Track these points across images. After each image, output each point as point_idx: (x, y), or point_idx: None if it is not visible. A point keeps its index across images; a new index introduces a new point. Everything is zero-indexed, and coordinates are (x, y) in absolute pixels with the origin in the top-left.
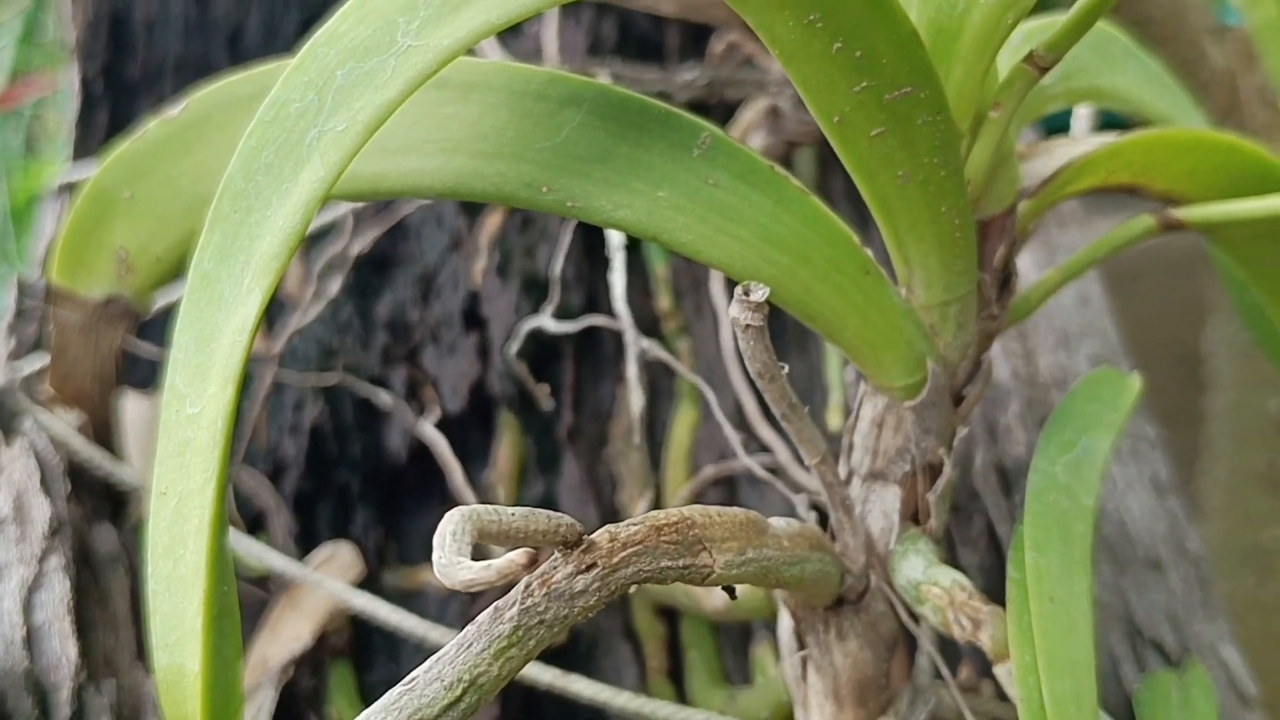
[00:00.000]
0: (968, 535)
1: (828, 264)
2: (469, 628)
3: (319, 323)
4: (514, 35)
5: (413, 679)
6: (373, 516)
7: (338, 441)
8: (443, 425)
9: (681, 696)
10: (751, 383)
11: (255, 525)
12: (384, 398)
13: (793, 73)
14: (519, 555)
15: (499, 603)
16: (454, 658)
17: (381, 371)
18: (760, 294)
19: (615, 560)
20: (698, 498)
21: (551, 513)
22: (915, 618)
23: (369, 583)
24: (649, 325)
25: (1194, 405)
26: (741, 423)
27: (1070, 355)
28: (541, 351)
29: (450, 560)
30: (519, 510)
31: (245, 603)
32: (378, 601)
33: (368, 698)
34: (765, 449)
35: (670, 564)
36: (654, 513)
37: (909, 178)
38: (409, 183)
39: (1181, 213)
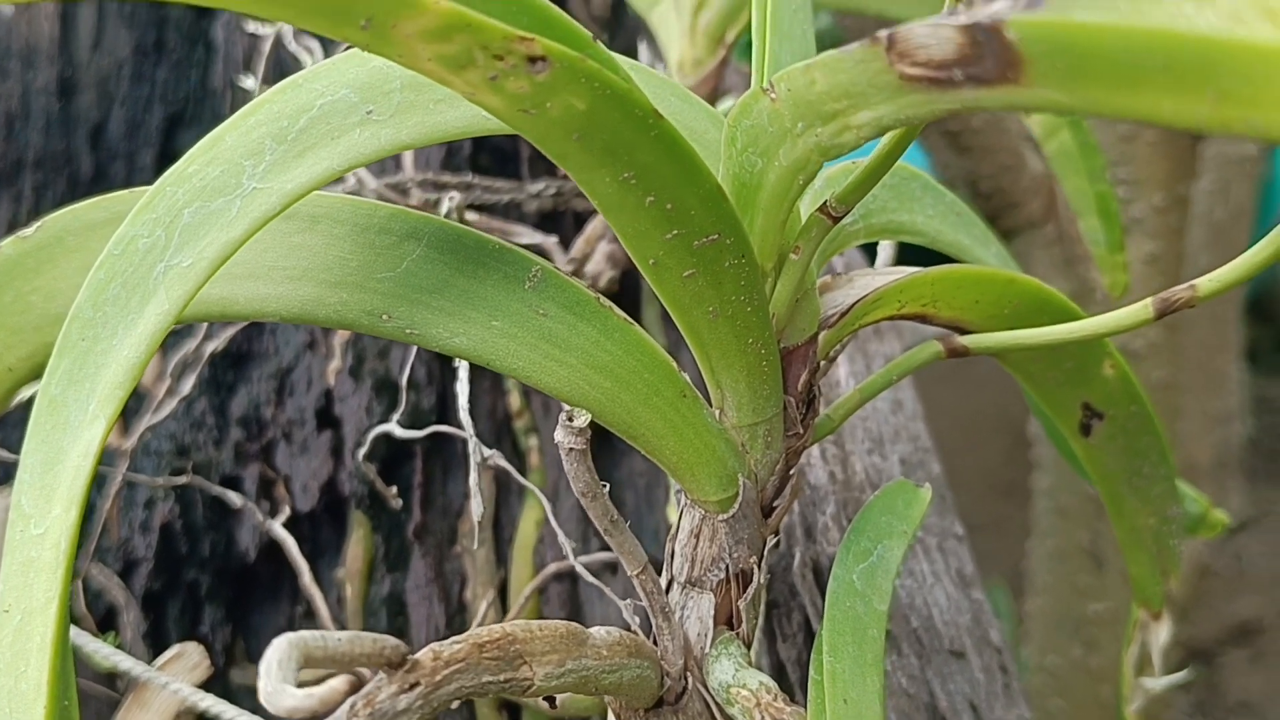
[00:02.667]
0: (787, 630)
1: (648, 388)
2: None
3: (173, 418)
4: None
5: None
6: (222, 615)
7: (188, 539)
8: (295, 522)
9: None
10: None
11: (106, 621)
12: (234, 498)
13: (611, 221)
14: (339, 682)
15: None
16: None
17: (234, 469)
18: (582, 420)
19: (438, 678)
20: (541, 593)
21: (377, 635)
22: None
23: (217, 681)
24: (501, 421)
25: (1024, 483)
26: (587, 518)
27: (884, 458)
28: (393, 451)
29: (276, 688)
30: (344, 634)
31: (94, 701)
32: (224, 702)
33: None
34: (607, 545)
35: (491, 679)
36: (478, 630)
37: (718, 313)
38: (255, 308)
39: (966, 340)
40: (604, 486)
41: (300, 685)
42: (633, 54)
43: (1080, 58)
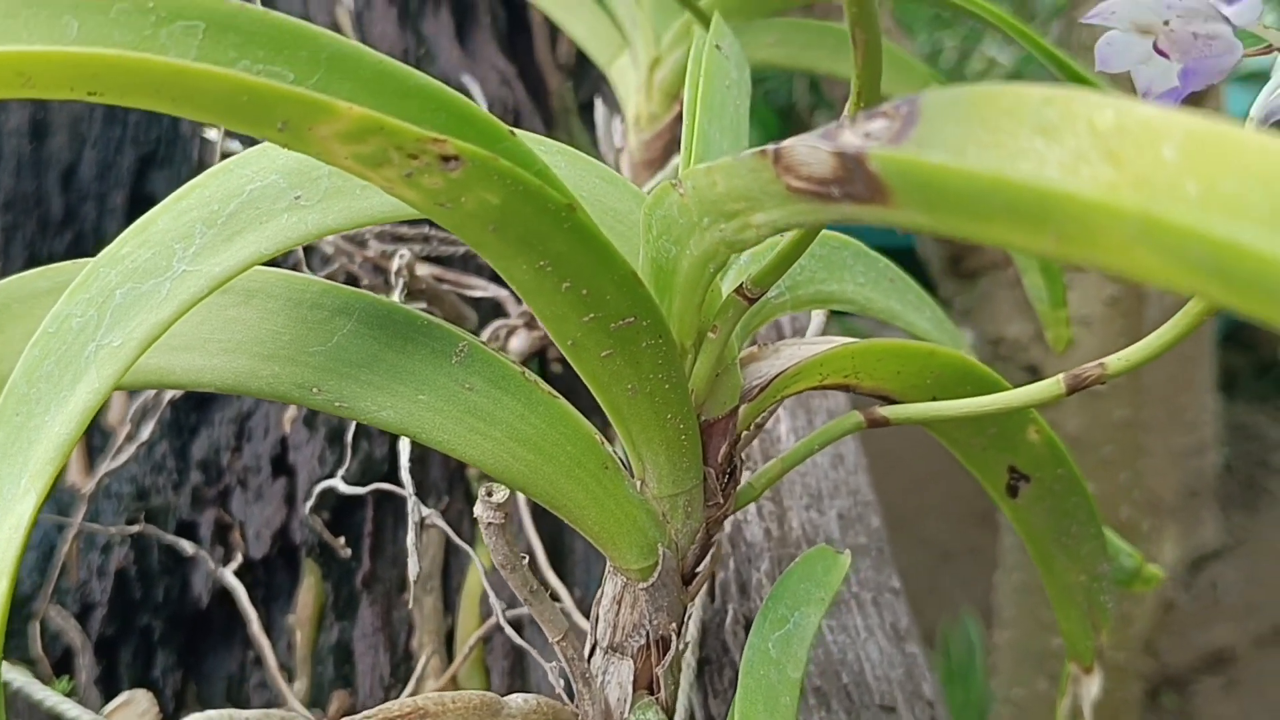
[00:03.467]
0: (718, 687)
1: (571, 461)
2: None
3: (134, 461)
4: None
5: None
6: (174, 660)
7: (142, 584)
8: (249, 568)
9: None
10: (539, 529)
11: (63, 662)
12: (186, 546)
13: (530, 304)
14: None
15: None
16: None
17: (191, 513)
18: (501, 495)
19: None
20: (486, 642)
21: (286, 713)
22: None
23: None
24: (455, 469)
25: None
26: (534, 566)
27: (821, 513)
28: (344, 500)
29: None
30: (253, 713)
31: None
32: None
33: None
34: (555, 596)
35: None
36: (389, 704)
37: (637, 390)
38: (191, 378)
39: (885, 411)
40: (523, 558)
41: None
42: (593, 105)
43: (935, 192)
